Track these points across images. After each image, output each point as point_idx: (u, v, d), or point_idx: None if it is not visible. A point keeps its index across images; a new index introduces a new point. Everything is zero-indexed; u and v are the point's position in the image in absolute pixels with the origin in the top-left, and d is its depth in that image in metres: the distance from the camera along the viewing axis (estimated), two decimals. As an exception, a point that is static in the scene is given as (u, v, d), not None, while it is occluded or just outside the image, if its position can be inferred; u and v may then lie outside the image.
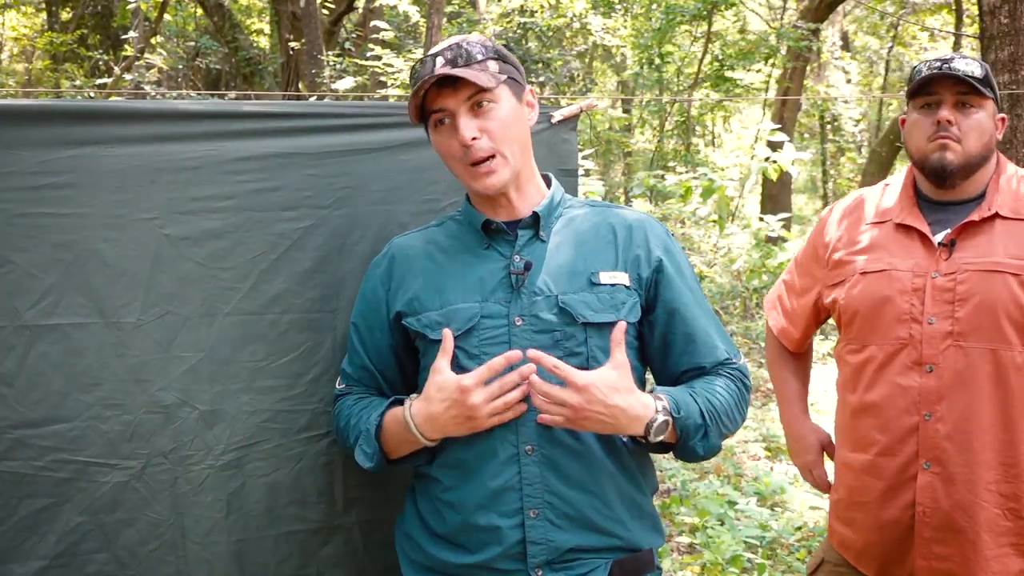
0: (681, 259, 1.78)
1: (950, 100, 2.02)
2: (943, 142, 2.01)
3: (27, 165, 1.69)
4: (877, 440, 2.04)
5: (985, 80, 2.01)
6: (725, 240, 7.78)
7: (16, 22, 13.96)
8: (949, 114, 2.01)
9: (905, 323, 2.01)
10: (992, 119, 2.05)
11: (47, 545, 1.71)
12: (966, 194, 2.06)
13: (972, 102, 2.01)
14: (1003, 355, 1.95)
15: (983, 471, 1.95)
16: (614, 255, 1.71)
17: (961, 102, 2.02)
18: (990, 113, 2.04)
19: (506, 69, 1.67)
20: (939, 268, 2.00)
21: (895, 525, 2.03)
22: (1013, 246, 1.97)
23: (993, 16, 4.14)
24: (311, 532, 1.89)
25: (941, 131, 2.02)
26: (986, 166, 2.06)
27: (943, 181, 2.05)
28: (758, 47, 11.12)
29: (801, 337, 2.35)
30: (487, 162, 1.64)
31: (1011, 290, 1.94)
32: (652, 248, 1.73)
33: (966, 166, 2.02)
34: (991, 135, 2.05)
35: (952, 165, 2.02)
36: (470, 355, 1.64)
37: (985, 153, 2.04)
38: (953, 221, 2.04)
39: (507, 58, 1.69)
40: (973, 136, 2.01)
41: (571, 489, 1.63)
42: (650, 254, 1.72)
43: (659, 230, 1.77)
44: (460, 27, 10.21)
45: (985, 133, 2.03)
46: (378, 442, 1.68)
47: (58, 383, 1.71)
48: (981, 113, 2.02)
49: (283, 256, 1.86)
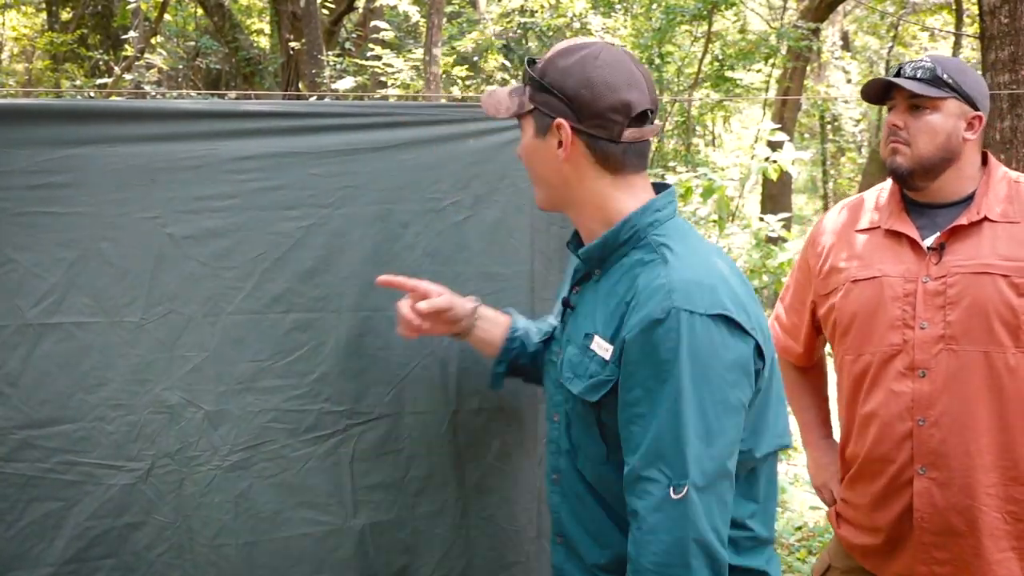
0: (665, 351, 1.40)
1: (902, 104, 2.04)
2: (893, 146, 2.04)
3: (28, 164, 1.69)
4: (873, 446, 2.04)
5: (934, 81, 1.99)
6: (725, 240, 7.76)
7: (16, 22, 13.95)
8: (897, 118, 2.04)
9: (898, 329, 2.01)
10: (953, 118, 2.01)
11: (55, 551, 1.70)
12: (948, 196, 2.05)
13: (923, 104, 2.01)
14: (995, 357, 1.94)
15: (981, 475, 1.95)
16: (611, 322, 1.50)
17: (913, 105, 2.02)
18: (950, 113, 2.01)
19: (541, 99, 1.53)
20: (929, 272, 2.00)
21: (894, 529, 2.04)
22: (1002, 248, 1.97)
23: (993, 16, 4.14)
24: (321, 535, 1.88)
25: (891, 135, 2.05)
26: (956, 166, 2.03)
27: (903, 183, 2.07)
28: (758, 47, 11.11)
29: (805, 350, 2.32)
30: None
31: (1001, 292, 1.94)
32: (628, 323, 1.45)
33: (918, 168, 2.02)
34: (948, 135, 2.01)
35: (902, 168, 2.03)
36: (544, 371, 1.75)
37: (944, 155, 2.01)
38: (941, 224, 2.04)
39: (552, 86, 1.52)
40: (923, 138, 2.01)
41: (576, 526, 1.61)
42: (624, 329, 1.45)
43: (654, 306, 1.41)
44: (460, 27, 10.22)
45: (939, 134, 2.00)
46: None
47: (63, 383, 1.71)
48: (935, 115, 2.01)
49: (285, 255, 1.86)
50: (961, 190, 2.05)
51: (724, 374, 1.40)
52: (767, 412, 1.50)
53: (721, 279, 1.46)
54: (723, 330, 1.41)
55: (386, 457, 1.93)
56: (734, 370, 1.41)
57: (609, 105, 1.48)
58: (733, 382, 1.41)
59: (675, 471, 1.38)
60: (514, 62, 9.96)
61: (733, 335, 1.42)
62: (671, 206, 1.56)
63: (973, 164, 2.06)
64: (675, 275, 1.44)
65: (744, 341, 1.43)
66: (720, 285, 1.44)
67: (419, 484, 1.95)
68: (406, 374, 1.94)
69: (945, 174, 2.03)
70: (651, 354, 1.41)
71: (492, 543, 1.99)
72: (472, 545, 1.97)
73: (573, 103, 1.50)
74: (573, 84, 1.50)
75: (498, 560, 1.99)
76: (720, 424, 1.39)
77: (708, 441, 1.39)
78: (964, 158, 2.04)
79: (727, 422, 1.40)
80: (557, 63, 1.52)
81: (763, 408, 1.49)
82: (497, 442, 1.99)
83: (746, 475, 1.50)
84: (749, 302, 1.48)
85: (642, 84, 1.51)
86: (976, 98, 2.02)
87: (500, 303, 1.91)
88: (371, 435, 1.91)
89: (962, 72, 2.03)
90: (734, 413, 1.41)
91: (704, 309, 1.40)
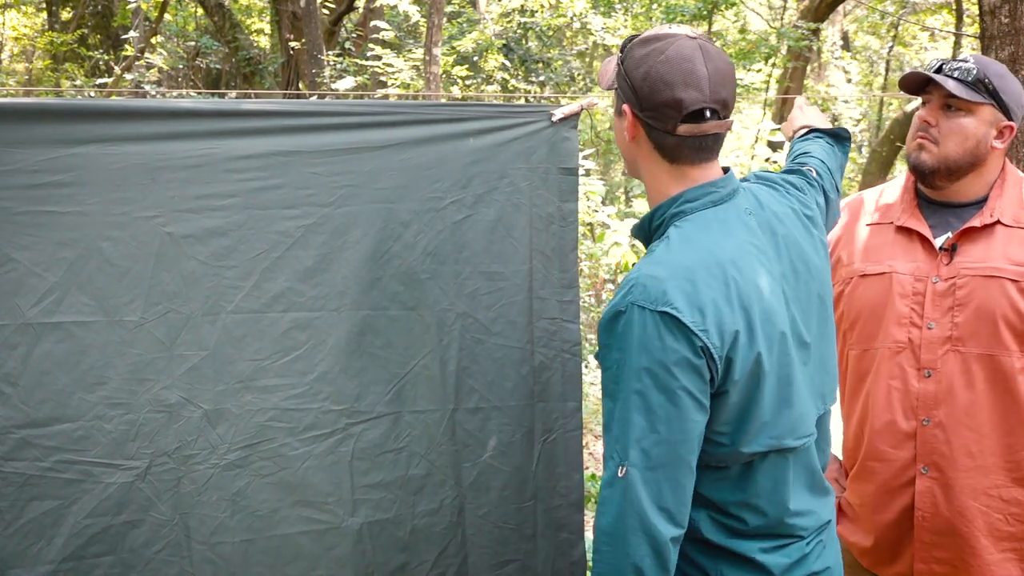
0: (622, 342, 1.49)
1: (937, 101, 2.01)
2: (920, 142, 2.02)
3: (29, 163, 1.69)
4: (875, 444, 2.04)
5: (975, 85, 1.96)
6: (725, 240, 7.75)
7: (16, 22, 13.96)
8: (930, 115, 2.01)
9: (904, 327, 2.01)
10: (986, 125, 1.99)
11: (54, 549, 1.71)
12: (964, 196, 2.05)
13: (958, 105, 1.98)
14: (1001, 360, 1.94)
15: (983, 476, 1.95)
16: None
17: (947, 104, 2.00)
18: (983, 119, 1.98)
19: (619, 82, 1.61)
20: (939, 273, 2.00)
21: (894, 528, 2.04)
22: (1013, 252, 1.96)
23: (993, 16, 4.13)
24: (319, 533, 1.89)
25: (920, 131, 2.03)
26: (979, 171, 2.02)
27: (923, 180, 2.05)
28: (758, 47, 11.11)
29: None
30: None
31: (1009, 296, 1.94)
32: (604, 314, 1.54)
33: (943, 168, 2.00)
34: (978, 141, 1.99)
35: (925, 166, 2.01)
36: None
37: (970, 159, 2.00)
38: (953, 224, 2.03)
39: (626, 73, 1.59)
40: (952, 140, 1.99)
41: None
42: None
43: (618, 299, 1.52)
44: (460, 27, 10.22)
45: (969, 138, 1.98)
46: None
47: (62, 382, 1.71)
48: (968, 118, 1.98)
49: (285, 254, 1.86)
50: (978, 193, 2.04)
51: (670, 367, 1.46)
52: (755, 411, 1.53)
53: (687, 277, 1.49)
54: (665, 327, 1.47)
55: (385, 456, 1.93)
56: (679, 364, 1.46)
57: (662, 101, 1.54)
58: (679, 375, 1.46)
59: (620, 452, 1.48)
60: (514, 62, 9.95)
61: (673, 333, 1.46)
62: (708, 196, 1.60)
63: (995, 170, 2.05)
64: (644, 269, 1.53)
65: (683, 340, 1.46)
66: (680, 283, 1.49)
67: (418, 483, 1.95)
68: (405, 373, 1.95)
69: (967, 177, 2.02)
70: (607, 343, 1.51)
71: (489, 541, 2.00)
72: (469, 543, 1.97)
73: (637, 93, 1.57)
74: (638, 76, 1.57)
75: (495, 558, 2.00)
76: (667, 412, 1.46)
77: (653, 427, 1.46)
78: (988, 164, 2.02)
79: (674, 411, 1.47)
80: (634, 51, 1.59)
81: (749, 407, 1.52)
82: (495, 441, 1.99)
83: (740, 468, 1.56)
84: (724, 304, 1.50)
85: (701, 83, 1.54)
86: (1012, 108, 1.99)
87: (499, 301, 1.92)
88: (370, 434, 1.92)
89: (1003, 78, 1.99)
90: (684, 404, 1.47)
91: (652, 305, 1.47)
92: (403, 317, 1.95)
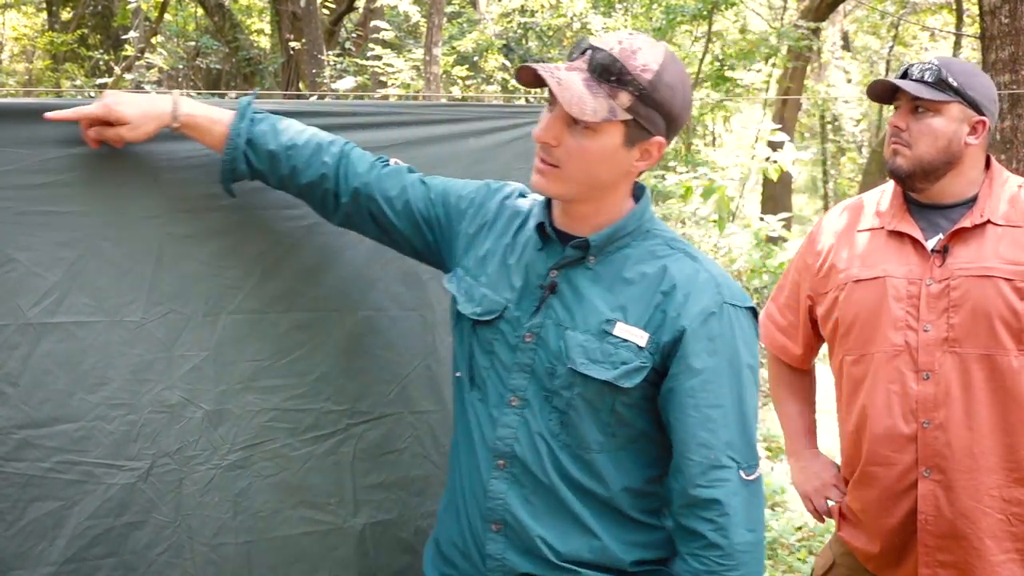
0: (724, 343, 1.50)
1: (906, 106, 2.04)
2: (894, 147, 2.04)
3: (28, 163, 1.68)
4: (876, 448, 2.04)
5: (938, 84, 1.98)
6: (725, 240, 7.76)
7: (16, 22, 13.96)
8: (900, 120, 2.04)
9: (901, 330, 2.01)
10: (956, 123, 2.00)
11: (56, 550, 1.69)
12: (950, 197, 2.05)
13: (926, 107, 2.00)
14: (999, 360, 1.94)
15: (985, 477, 1.95)
16: (644, 309, 1.52)
17: (916, 107, 2.02)
18: (952, 117, 2.00)
19: (646, 114, 1.46)
20: (933, 275, 2.00)
21: (898, 533, 2.03)
22: (1005, 251, 1.97)
23: (993, 16, 4.14)
24: (321, 534, 1.88)
25: (893, 136, 2.05)
26: (958, 169, 2.02)
27: (903, 184, 2.07)
28: (758, 47, 11.10)
29: (804, 352, 2.30)
30: (548, 165, 1.50)
31: (1004, 295, 1.94)
32: (684, 314, 1.49)
33: (918, 171, 2.01)
34: (949, 139, 2.00)
35: (901, 170, 2.03)
36: (484, 350, 1.60)
37: (944, 158, 2.00)
38: (943, 225, 2.04)
39: (662, 104, 1.46)
40: (924, 141, 2.00)
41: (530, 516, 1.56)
42: (678, 319, 1.49)
43: (708, 299, 1.50)
44: (460, 27, 10.22)
45: (940, 138, 1.99)
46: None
47: (63, 382, 1.70)
48: (937, 118, 2.00)
49: (285, 254, 1.86)
50: (963, 192, 2.05)
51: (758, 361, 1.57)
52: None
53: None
54: (754, 322, 1.57)
55: (387, 456, 1.93)
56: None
57: (683, 122, 1.54)
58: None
59: (744, 456, 1.49)
60: (514, 62, 9.94)
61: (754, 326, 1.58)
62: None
63: (976, 167, 2.05)
64: (713, 269, 1.55)
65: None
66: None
67: (420, 484, 1.95)
68: (407, 373, 1.94)
69: (946, 177, 2.03)
70: (710, 346, 1.50)
71: (492, 542, 1.98)
72: (472, 544, 1.97)
73: (672, 124, 1.51)
74: (679, 104, 1.49)
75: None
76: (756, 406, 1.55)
77: (755, 424, 1.53)
78: (966, 162, 2.03)
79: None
80: (664, 78, 1.46)
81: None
82: (497, 441, 1.98)
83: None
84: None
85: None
86: (981, 102, 2.00)
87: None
88: (372, 434, 1.92)
89: (969, 75, 2.01)
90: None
91: (742, 303, 1.55)
92: (404, 318, 1.95)
